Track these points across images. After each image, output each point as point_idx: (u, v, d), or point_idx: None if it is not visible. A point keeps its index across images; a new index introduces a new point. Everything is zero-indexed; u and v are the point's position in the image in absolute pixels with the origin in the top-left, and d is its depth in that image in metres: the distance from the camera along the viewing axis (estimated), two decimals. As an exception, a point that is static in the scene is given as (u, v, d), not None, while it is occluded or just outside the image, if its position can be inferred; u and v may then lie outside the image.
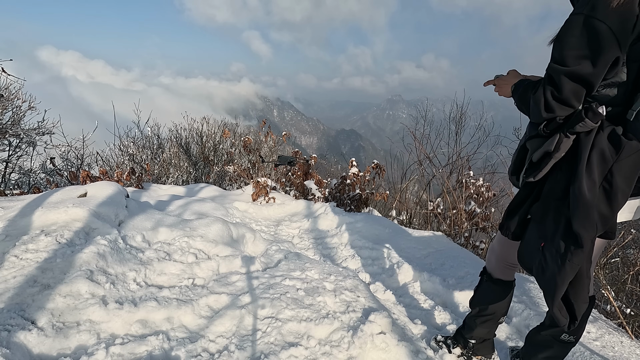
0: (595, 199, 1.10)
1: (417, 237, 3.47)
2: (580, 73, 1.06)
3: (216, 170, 6.78)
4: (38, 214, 2.24)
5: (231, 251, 2.45)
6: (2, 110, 4.38)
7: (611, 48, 1.02)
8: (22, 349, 1.43)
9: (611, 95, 1.12)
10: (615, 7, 1.00)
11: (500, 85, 1.39)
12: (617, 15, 1.00)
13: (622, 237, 3.05)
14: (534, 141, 1.24)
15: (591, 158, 1.10)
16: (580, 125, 1.10)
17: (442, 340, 1.83)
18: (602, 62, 1.04)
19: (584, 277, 1.18)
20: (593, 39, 1.03)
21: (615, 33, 1.01)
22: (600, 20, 1.01)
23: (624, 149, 1.06)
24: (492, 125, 5.39)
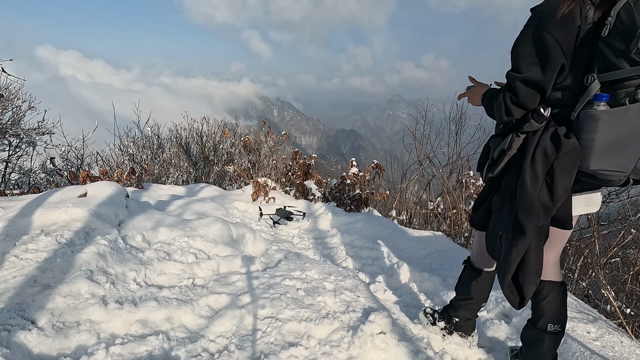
0: (538, 191, 1.23)
1: (417, 237, 3.47)
2: (532, 79, 1.19)
3: (216, 170, 6.78)
4: (38, 214, 2.24)
5: (231, 251, 2.45)
6: (2, 110, 4.38)
7: (557, 56, 1.15)
8: (22, 349, 1.43)
9: (559, 98, 1.23)
10: (559, 19, 1.12)
11: (471, 96, 1.53)
12: (561, 27, 1.13)
13: (622, 237, 3.05)
14: (494, 140, 1.40)
15: (535, 155, 1.23)
16: (527, 125, 1.24)
17: (430, 313, 1.94)
18: (550, 69, 1.17)
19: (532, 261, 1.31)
20: (541, 48, 1.16)
21: (560, 43, 1.14)
22: (547, 31, 1.14)
23: (563, 147, 1.18)
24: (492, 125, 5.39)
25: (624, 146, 1.13)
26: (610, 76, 1.12)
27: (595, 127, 1.13)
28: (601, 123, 1.12)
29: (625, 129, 1.11)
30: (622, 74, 1.09)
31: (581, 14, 1.13)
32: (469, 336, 1.85)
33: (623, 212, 3.63)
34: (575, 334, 1.89)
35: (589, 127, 1.15)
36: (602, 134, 1.13)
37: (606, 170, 1.17)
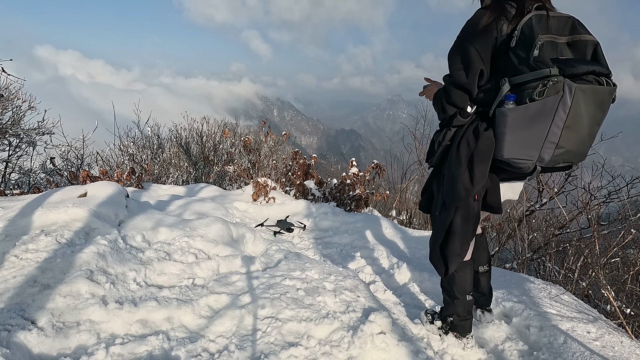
0: (460, 175, 1.48)
1: (417, 237, 3.47)
2: (459, 82, 1.42)
3: (216, 170, 6.78)
4: (38, 214, 2.24)
5: (231, 251, 2.45)
6: (2, 110, 4.38)
7: (477, 63, 1.37)
8: (22, 349, 1.43)
9: (482, 98, 1.44)
10: (480, 32, 1.35)
11: (428, 94, 1.72)
12: (481, 39, 1.36)
13: (622, 237, 3.05)
14: (435, 134, 1.64)
15: (460, 144, 1.48)
16: (456, 120, 1.50)
17: (430, 313, 2.01)
18: (471, 74, 1.39)
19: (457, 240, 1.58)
20: (465, 57, 1.39)
21: (479, 52, 1.36)
22: (469, 43, 1.37)
23: (480, 138, 1.42)
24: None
25: (527, 139, 1.34)
26: (517, 80, 1.31)
27: (505, 122, 1.35)
28: (509, 119, 1.34)
29: (527, 124, 1.32)
30: (525, 78, 1.28)
31: (497, 27, 1.34)
32: (464, 337, 1.87)
33: (623, 212, 3.63)
34: (575, 334, 1.89)
35: (500, 122, 1.37)
36: (510, 128, 1.35)
37: (516, 159, 1.39)
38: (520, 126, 1.33)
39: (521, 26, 1.29)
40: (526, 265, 3.71)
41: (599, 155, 3.91)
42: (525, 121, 1.31)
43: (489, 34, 1.35)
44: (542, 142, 1.31)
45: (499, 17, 1.34)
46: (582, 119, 1.27)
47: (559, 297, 2.28)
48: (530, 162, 1.37)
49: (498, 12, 1.35)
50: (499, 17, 1.34)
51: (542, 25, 1.27)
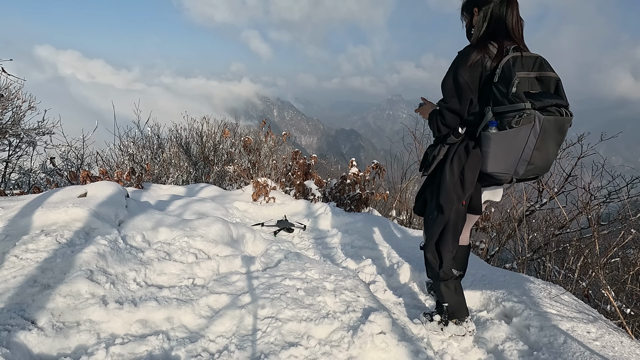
0: (453, 185, 1.76)
1: (417, 237, 3.47)
2: (453, 108, 1.71)
3: (216, 170, 6.78)
4: (38, 214, 2.24)
5: (231, 251, 2.45)
6: (2, 110, 4.38)
7: (467, 92, 1.67)
8: (22, 349, 1.43)
9: (471, 120, 1.73)
10: (469, 67, 1.64)
11: (423, 112, 1.99)
12: (470, 72, 1.64)
13: (622, 237, 3.05)
14: (430, 148, 1.91)
15: (453, 159, 1.76)
16: (450, 139, 1.77)
17: (428, 313, 2.14)
18: (463, 101, 1.69)
19: (449, 237, 1.87)
20: (458, 87, 1.67)
21: (469, 84, 1.65)
22: (461, 76, 1.65)
23: (470, 154, 1.71)
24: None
25: (506, 157, 1.64)
26: (498, 109, 1.60)
27: (488, 143, 1.65)
28: (492, 141, 1.63)
29: (506, 146, 1.62)
30: (504, 109, 1.58)
31: (482, 63, 1.64)
32: (464, 322, 1.98)
33: (623, 212, 3.63)
34: (575, 334, 1.89)
35: (485, 143, 1.66)
36: (493, 148, 1.64)
37: (497, 172, 1.70)
38: (501, 147, 1.63)
39: (502, 65, 1.58)
40: (526, 265, 3.71)
41: (599, 155, 3.91)
42: (504, 144, 1.62)
43: (476, 69, 1.65)
44: (517, 160, 1.63)
45: (483, 56, 1.64)
46: (548, 142, 1.58)
47: (559, 297, 2.28)
48: (508, 175, 1.70)
49: (483, 51, 1.64)
50: (483, 55, 1.64)
51: (518, 65, 1.57)
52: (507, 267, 3.97)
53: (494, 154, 1.65)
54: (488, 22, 1.69)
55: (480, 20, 1.71)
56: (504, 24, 1.67)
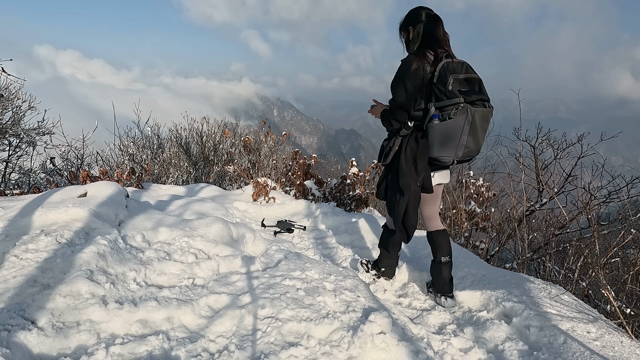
0: (408, 170, 2.12)
1: (417, 237, 3.47)
2: (402, 105, 2.07)
3: (216, 170, 6.78)
4: (38, 214, 2.24)
5: (231, 251, 2.45)
6: (2, 110, 4.38)
7: (412, 92, 2.03)
8: (22, 349, 1.43)
9: (418, 116, 2.10)
10: (412, 71, 2.00)
11: (374, 112, 2.35)
12: (414, 76, 2.01)
13: (622, 237, 3.05)
14: (385, 141, 2.27)
15: (406, 149, 2.12)
16: (402, 132, 2.14)
17: (365, 263, 2.73)
18: (409, 99, 2.04)
19: (412, 214, 2.23)
20: (404, 88, 2.03)
21: (413, 85, 2.01)
22: (407, 79, 2.02)
23: (420, 144, 2.08)
24: (492, 125, 5.38)
25: (448, 143, 2.01)
26: (439, 104, 1.97)
27: (433, 133, 2.02)
28: (436, 131, 2.01)
29: (447, 133, 1.98)
30: (444, 103, 1.96)
31: (423, 68, 2.00)
32: (391, 279, 2.66)
33: (623, 212, 3.63)
34: (575, 334, 1.89)
35: (431, 132, 2.03)
36: (436, 137, 2.02)
37: (441, 156, 2.07)
38: (444, 135, 2.00)
39: (439, 69, 1.97)
40: (526, 265, 3.71)
41: (599, 155, 3.91)
42: (446, 132, 1.99)
43: (418, 73, 2.01)
44: (457, 145, 2.00)
45: (423, 62, 2.01)
46: (478, 129, 1.98)
47: (559, 297, 2.28)
48: (451, 158, 2.06)
49: (422, 58, 2.02)
50: (423, 61, 2.01)
51: (450, 68, 1.97)
52: (507, 267, 3.97)
53: (438, 141, 2.03)
54: (422, 37, 2.09)
55: (416, 36, 2.11)
56: (435, 37, 2.07)
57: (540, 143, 4.33)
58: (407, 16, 2.17)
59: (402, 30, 2.20)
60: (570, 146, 4.18)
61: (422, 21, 2.10)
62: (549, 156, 4.36)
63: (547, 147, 4.31)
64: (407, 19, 2.16)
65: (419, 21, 2.10)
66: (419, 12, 2.13)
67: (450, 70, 1.96)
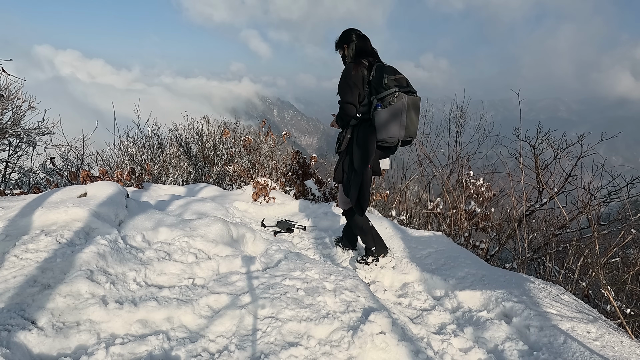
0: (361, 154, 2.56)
1: (417, 237, 3.47)
2: (349, 101, 2.54)
3: (216, 170, 6.78)
4: (38, 213, 2.24)
5: (231, 251, 2.45)
6: (2, 110, 4.38)
7: (355, 91, 2.53)
8: (22, 349, 1.43)
9: (365, 109, 2.57)
10: (353, 74, 2.52)
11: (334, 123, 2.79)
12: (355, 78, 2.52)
13: (622, 237, 3.05)
14: (340, 134, 2.74)
15: (358, 135, 2.59)
16: (351, 123, 2.62)
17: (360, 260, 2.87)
18: (354, 96, 2.53)
19: (366, 191, 2.64)
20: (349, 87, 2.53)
21: (357, 85, 2.52)
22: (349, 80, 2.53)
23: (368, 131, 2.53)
24: (492, 125, 5.39)
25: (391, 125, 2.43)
26: (380, 96, 2.46)
27: (378, 119, 2.46)
28: (380, 116, 2.45)
29: (389, 117, 2.42)
30: (384, 94, 2.45)
31: (361, 72, 2.53)
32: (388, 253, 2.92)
33: (623, 212, 3.63)
34: (575, 334, 1.89)
35: (376, 119, 2.47)
36: (382, 121, 2.45)
37: (389, 137, 2.46)
38: (386, 119, 2.44)
39: (374, 70, 2.52)
40: (526, 265, 3.71)
41: (599, 155, 3.90)
42: (388, 116, 2.43)
43: (358, 76, 2.52)
44: (399, 126, 2.43)
45: (360, 67, 2.53)
46: (412, 113, 2.46)
47: (559, 297, 2.28)
48: (396, 138, 2.47)
49: (360, 65, 2.54)
50: (360, 67, 2.53)
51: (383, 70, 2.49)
52: (507, 267, 3.97)
53: (383, 125, 2.45)
54: (355, 52, 2.63)
55: (350, 51, 2.65)
56: (365, 50, 2.63)
57: (540, 143, 4.32)
58: (341, 37, 2.68)
59: (337, 48, 2.72)
60: (570, 146, 4.18)
61: (353, 40, 2.64)
62: (549, 156, 4.35)
63: (547, 147, 4.30)
64: (341, 39, 2.68)
65: (351, 40, 2.64)
66: (350, 33, 2.65)
67: (383, 70, 2.48)
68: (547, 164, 4.38)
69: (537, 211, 4.40)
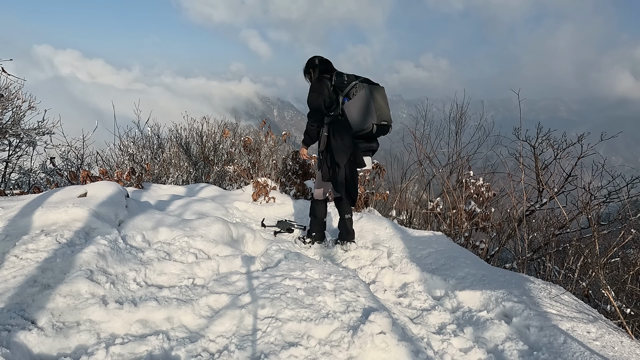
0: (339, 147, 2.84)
1: (417, 237, 3.47)
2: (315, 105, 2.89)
3: (216, 170, 6.78)
4: (38, 213, 2.24)
5: (231, 251, 2.45)
6: (2, 110, 4.38)
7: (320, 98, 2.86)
8: (22, 349, 1.43)
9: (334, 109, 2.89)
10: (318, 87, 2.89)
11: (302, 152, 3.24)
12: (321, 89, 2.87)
13: (622, 237, 3.05)
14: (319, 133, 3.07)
15: (334, 132, 2.88)
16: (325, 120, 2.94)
17: (300, 238, 3.42)
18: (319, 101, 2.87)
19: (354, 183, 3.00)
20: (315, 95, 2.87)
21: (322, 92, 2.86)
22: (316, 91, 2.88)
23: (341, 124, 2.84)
24: (492, 125, 5.39)
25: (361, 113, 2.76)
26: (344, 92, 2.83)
27: (349, 110, 2.80)
28: (349, 108, 2.79)
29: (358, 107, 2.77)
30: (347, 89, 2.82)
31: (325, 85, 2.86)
32: (322, 242, 3.37)
33: (623, 212, 3.63)
34: (575, 334, 1.89)
35: (347, 111, 2.80)
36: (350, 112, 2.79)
37: (360, 127, 2.78)
38: (356, 108, 2.77)
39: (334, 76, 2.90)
40: (526, 265, 3.71)
41: (599, 155, 3.90)
42: (357, 106, 2.77)
43: (322, 86, 2.87)
44: (369, 112, 2.76)
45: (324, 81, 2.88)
46: (378, 97, 2.81)
47: (559, 297, 2.28)
48: (370, 123, 2.77)
49: (323, 80, 2.89)
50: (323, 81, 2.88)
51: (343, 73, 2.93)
52: (507, 267, 3.96)
53: (354, 115, 2.76)
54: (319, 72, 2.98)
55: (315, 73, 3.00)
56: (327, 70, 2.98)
57: (540, 143, 4.32)
58: (307, 64, 3.06)
59: (305, 74, 3.10)
60: (570, 146, 4.17)
61: (317, 65, 3.01)
62: (549, 156, 4.35)
63: (547, 147, 4.30)
64: (307, 66, 3.05)
65: (315, 65, 3.02)
66: (314, 60, 3.04)
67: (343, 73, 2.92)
68: (547, 164, 4.38)
69: (537, 211, 4.40)
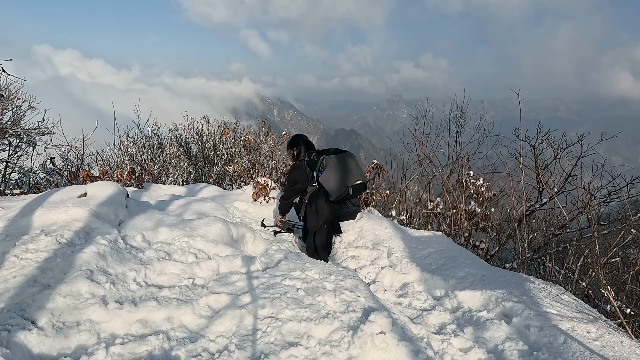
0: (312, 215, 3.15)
1: (417, 237, 3.47)
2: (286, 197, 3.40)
3: (216, 170, 6.78)
4: (38, 213, 2.24)
5: (231, 251, 2.45)
6: (2, 110, 4.38)
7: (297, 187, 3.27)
8: (22, 349, 1.44)
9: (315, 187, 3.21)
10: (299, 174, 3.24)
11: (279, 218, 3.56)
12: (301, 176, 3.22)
13: (622, 237, 3.05)
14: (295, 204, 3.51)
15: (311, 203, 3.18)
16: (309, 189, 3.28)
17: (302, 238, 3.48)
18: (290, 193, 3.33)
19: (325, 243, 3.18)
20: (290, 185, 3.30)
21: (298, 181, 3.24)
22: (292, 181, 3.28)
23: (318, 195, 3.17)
24: (492, 125, 5.39)
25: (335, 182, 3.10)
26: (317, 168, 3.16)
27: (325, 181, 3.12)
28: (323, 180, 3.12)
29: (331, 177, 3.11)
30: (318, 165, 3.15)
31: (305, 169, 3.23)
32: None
33: (623, 212, 3.63)
34: (575, 334, 1.89)
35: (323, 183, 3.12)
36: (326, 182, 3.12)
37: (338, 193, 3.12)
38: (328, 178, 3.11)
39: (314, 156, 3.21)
40: (526, 265, 3.71)
41: (599, 155, 3.90)
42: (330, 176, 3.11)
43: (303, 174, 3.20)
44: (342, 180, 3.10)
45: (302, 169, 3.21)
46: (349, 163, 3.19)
47: (559, 297, 2.28)
48: (345, 186, 3.11)
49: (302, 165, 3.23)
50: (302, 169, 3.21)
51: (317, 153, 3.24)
52: (507, 267, 3.96)
53: (331, 184, 3.10)
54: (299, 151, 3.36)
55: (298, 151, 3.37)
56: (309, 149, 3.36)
57: (540, 143, 4.32)
58: (291, 141, 3.45)
59: (289, 148, 3.47)
60: (570, 146, 4.17)
61: (300, 144, 3.40)
62: (549, 156, 4.35)
63: (547, 147, 4.30)
64: (291, 142, 3.44)
65: (299, 144, 3.40)
66: (298, 139, 3.42)
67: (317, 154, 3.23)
68: (547, 164, 4.38)
69: (537, 211, 4.40)
